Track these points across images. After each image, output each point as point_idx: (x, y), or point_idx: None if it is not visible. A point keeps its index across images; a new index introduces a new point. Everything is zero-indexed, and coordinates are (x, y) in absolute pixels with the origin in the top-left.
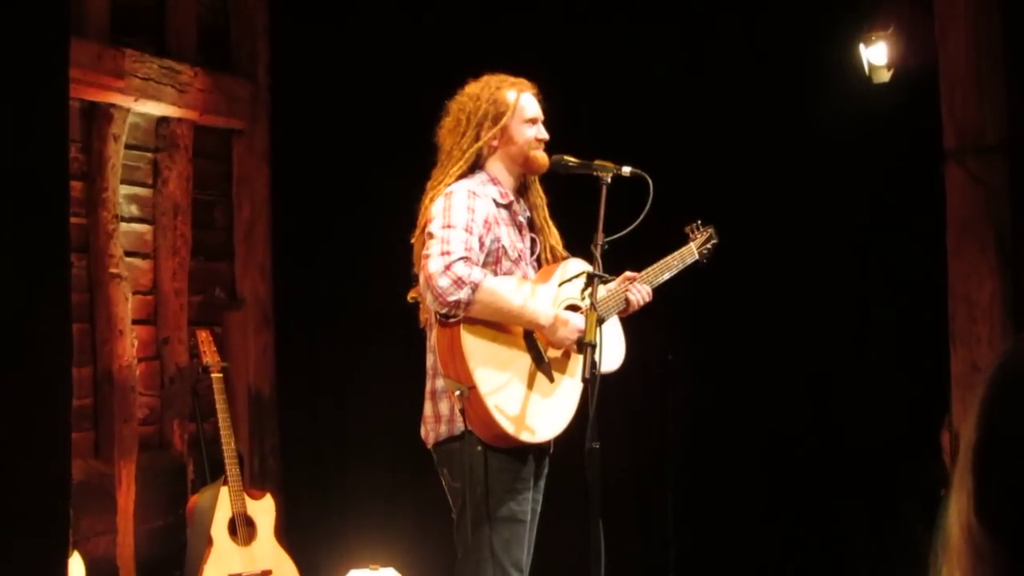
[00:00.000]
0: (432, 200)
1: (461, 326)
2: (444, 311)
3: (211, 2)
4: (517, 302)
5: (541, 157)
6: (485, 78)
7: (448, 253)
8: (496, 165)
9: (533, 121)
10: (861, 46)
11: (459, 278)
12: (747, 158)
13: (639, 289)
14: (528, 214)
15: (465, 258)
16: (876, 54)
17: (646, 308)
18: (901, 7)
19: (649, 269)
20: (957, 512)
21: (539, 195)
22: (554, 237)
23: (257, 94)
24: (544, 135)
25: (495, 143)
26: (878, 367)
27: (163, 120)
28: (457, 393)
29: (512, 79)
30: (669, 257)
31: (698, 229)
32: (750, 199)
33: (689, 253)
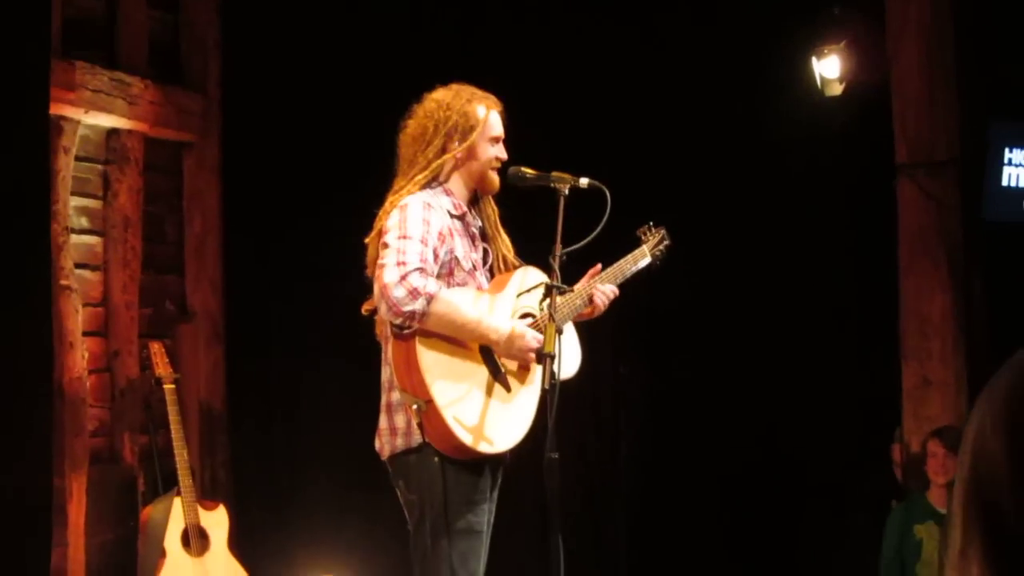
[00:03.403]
0: (388, 211)
1: (416, 340)
2: (399, 322)
3: (162, 16)
4: (472, 315)
5: (495, 179)
6: (455, 86)
7: (403, 264)
8: (454, 177)
9: (496, 140)
10: (813, 59)
11: (414, 288)
12: (699, 170)
13: (603, 291)
14: (480, 224)
15: (420, 269)
16: (828, 67)
17: (598, 320)
18: (854, 22)
19: (603, 273)
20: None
21: (490, 205)
22: (506, 246)
23: (208, 108)
24: (503, 155)
25: (459, 156)
26: (829, 380)
27: (113, 132)
28: (415, 407)
29: (483, 93)
30: (622, 260)
31: (650, 231)
32: (702, 212)
33: (642, 255)
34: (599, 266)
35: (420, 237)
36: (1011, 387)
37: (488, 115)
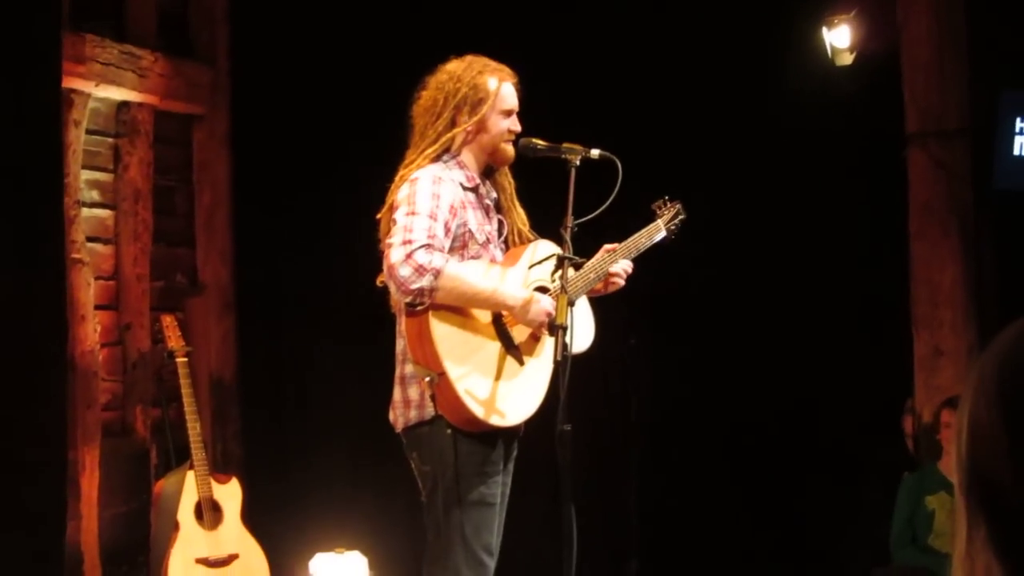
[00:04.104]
0: (399, 184)
1: (429, 313)
2: (408, 299)
3: None
4: (484, 286)
5: (508, 150)
6: (469, 58)
7: (409, 242)
8: (465, 150)
9: (509, 113)
10: (824, 29)
11: (420, 266)
12: (710, 141)
13: (622, 269)
14: (495, 196)
15: (427, 245)
16: (839, 37)
17: (609, 295)
18: None
19: (619, 248)
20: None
21: (506, 177)
22: (521, 219)
23: (217, 79)
24: (517, 127)
25: (470, 130)
26: (841, 350)
27: (124, 105)
28: (427, 380)
29: (496, 65)
30: (637, 235)
31: (665, 205)
32: (712, 182)
33: (657, 230)
34: (615, 245)
35: (429, 212)
36: (1000, 364)
37: (500, 87)
